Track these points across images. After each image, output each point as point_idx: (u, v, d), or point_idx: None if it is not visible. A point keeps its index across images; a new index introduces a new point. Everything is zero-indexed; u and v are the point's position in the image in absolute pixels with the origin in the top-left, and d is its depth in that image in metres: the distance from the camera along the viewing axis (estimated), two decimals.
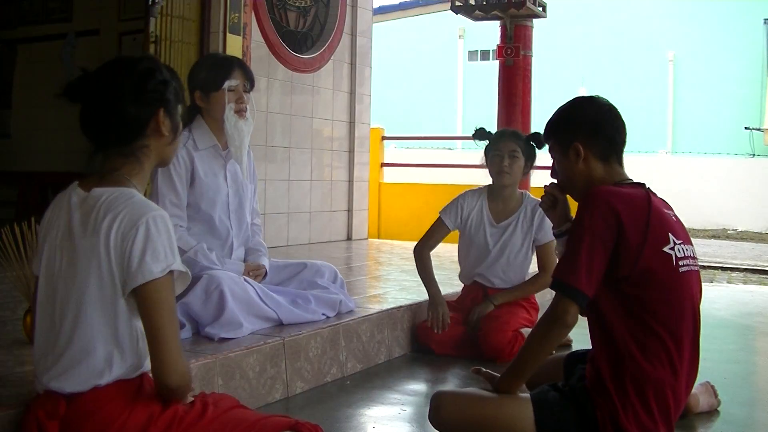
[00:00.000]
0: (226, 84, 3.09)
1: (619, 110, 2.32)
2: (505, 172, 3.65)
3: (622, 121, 2.31)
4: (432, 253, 3.81)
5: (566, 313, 2.09)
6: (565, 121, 2.33)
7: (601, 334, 2.16)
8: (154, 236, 1.75)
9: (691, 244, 2.22)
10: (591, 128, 2.27)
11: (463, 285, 3.91)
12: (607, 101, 2.33)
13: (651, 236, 2.09)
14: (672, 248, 2.12)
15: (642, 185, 2.24)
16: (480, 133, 3.76)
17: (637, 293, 2.09)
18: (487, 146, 3.75)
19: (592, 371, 2.17)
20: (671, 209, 2.24)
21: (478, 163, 3.91)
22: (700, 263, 2.44)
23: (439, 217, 3.83)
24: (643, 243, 2.08)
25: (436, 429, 2.30)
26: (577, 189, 2.32)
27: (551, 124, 2.38)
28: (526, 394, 2.24)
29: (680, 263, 2.13)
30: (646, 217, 2.10)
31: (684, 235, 2.20)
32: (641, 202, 2.14)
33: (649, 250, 2.08)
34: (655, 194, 2.22)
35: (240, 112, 3.12)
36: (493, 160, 3.69)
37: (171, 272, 1.77)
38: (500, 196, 3.76)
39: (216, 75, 3.11)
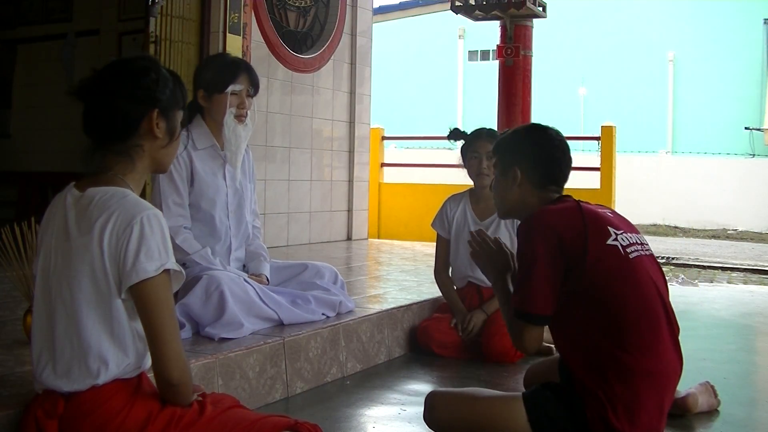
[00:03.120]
0: (230, 88, 3.09)
1: (569, 147, 2.40)
2: (485, 174, 3.67)
3: (569, 159, 2.40)
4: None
5: (527, 343, 2.23)
6: (512, 145, 2.42)
7: (571, 340, 2.19)
8: (148, 235, 1.75)
9: (636, 232, 2.28)
10: (534, 160, 2.35)
11: (456, 288, 3.87)
12: (560, 137, 2.40)
13: (591, 236, 2.15)
14: (615, 239, 2.18)
15: (568, 197, 2.33)
16: (455, 134, 3.76)
17: (596, 293, 2.13)
18: (463, 147, 3.74)
19: (575, 376, 2.17)
20: (607, 208, 2.33)
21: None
22: (700, 263, 2.46)
23: (436, 232, 3.86)
24: (586, 245, 2.13)
25: (431, 428, 2.31)
26: (505, 208, 2.44)
27: (500, 144, 2.47)
28: (519, 393, 2.26)
29: (628, 250, 2.18)
30: (582, 221, 2.17)
31: (625, 225, 2.27)
32: (573, 211, 2.22)
33: (594, 248, 2.14)
34: (583, 202, 2.29)
35: (240, 117, 3.12)
36: (471, 162, 3.71)
37: (167, 271, 1.77)
38: (482, 196, 3.78)
39: (221, 77, 3.10)
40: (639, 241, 2.25)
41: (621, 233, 2.21)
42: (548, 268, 2.15)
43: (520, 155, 2.37)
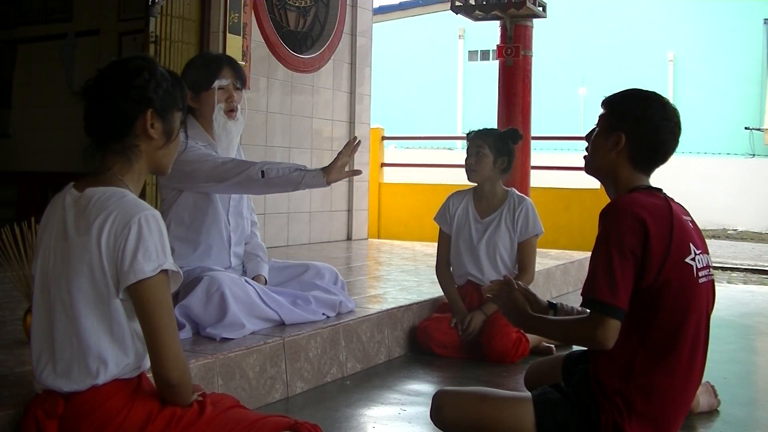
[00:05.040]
0: (216, 83, 3.08)
1: (681, 131, 2.20)
2: (471, 169, 3.73)
3: (676, 144, 2.21)
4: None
5: (607, 338, 2.01)
6: (625, 109, 2.20)
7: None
8: (146, 236, 1.75)
9: (707, 252, 2.17)
10: (644, 132, 2.16)
11: (456, 286, 3.87)
12: (677, 119, 2.19)
13: (674, 247, 2.04)
14: (693, 258, 2.07)
15: (659, 191, 2.19)
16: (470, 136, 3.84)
17: (655, 304, 2.05)
18: None
19: (596, 376, 2.14)
20: (688, 214, 2.19)
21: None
22: None
23: (439, 227, 3.87)
24: (667, 254, 2.03)
25: (438, 428, 2.30)
26: (593, 167, 2.26)
27: (615, 99, 2.24)
28: (528, 395, 2.24)
29: (700, 274, 2.09)
30: (670, 228, 2.05)
31: (702, 244, 2.15)
32: (664, 212, 2.08)
33: (672, 261, 2.03)
34: (673, 200, 2.17)
35: (230, 112, 3.11)
36: (464, 159, 3.77)
37: (165, 272, 1.77)
38: (483, 194, 3.81)
39: (205, 74, 3.09)
40: (708, 264, 2.14)
41: (699, 254, 2.09)
42: (629, 259, 2.01)
43: (630, 122, 2.16)
